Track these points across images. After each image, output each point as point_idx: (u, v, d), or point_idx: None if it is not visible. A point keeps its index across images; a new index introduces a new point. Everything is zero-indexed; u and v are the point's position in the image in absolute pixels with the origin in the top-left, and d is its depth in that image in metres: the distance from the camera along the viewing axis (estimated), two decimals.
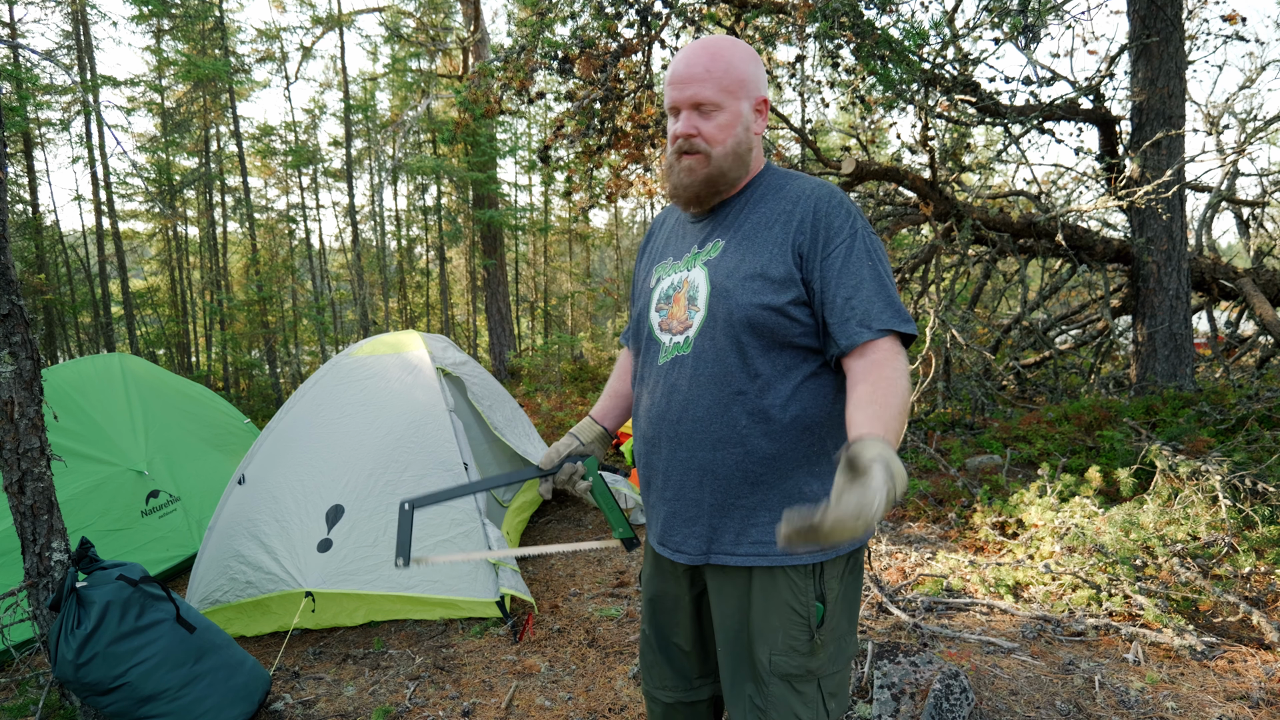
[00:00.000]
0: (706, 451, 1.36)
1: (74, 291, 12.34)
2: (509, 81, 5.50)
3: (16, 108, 9.09)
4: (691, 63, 1.36)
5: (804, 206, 1.36)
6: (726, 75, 1.35)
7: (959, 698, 2.36)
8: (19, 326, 2.36)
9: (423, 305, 16.95)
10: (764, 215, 1.39)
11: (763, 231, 1.36)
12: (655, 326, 1.46)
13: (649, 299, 1.50)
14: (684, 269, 1.44)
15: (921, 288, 6.45)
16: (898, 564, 3.69)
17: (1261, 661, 2.68)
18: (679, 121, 1.37)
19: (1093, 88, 5.97)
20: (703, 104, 1.35)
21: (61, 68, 3.84)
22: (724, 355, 1.34)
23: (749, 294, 1.32)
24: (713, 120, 1.36)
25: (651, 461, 1.45)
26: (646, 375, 1.48)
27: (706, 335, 1.36)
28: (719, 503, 1.37)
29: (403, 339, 4.05)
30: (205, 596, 3.23)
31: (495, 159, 12.85)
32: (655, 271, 1.52)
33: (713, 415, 1.35)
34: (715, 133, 1.36)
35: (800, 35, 5.00)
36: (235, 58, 13.07)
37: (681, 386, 1.38)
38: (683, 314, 1.40)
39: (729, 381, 1.34)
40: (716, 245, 1.40)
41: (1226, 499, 3.46)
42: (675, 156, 1.39)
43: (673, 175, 1.40)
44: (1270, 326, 5.78)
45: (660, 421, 1.41)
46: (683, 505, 1.40)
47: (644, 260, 1.61)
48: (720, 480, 1.36)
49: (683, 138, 1.36)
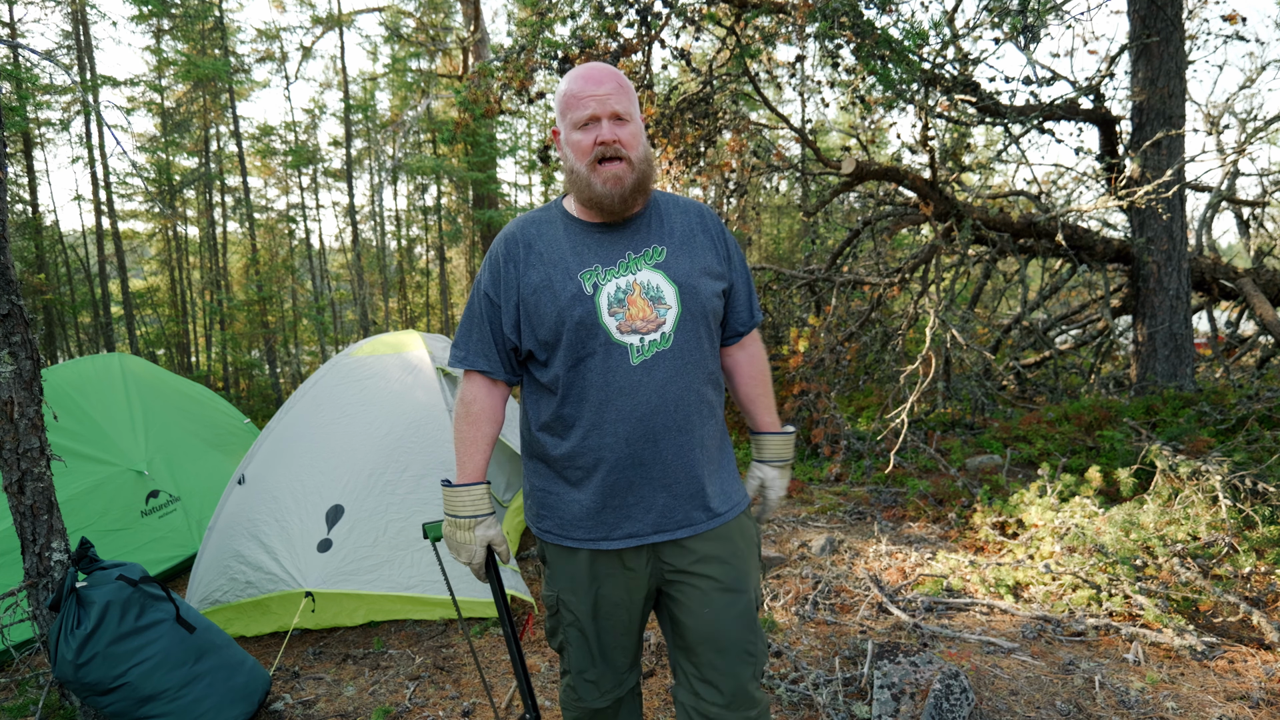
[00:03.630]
0: (698, 429, 1.54)
1: (74, 291, 12.34)
2: (509, 81, 5.50)
3: (16, 108, 9.10)
4: (599, 79, 1.49)
5: (706, 219, 1.63)
6: (629, 93, 1.52)
7: (959, 698, 2.36)
8: (19, 326, 2.36)
9: (423, 305, 16.95)
10: (681, 225, 1.59)
11: (691, 239, 1.58)
12: (612, 330, 1.48)
13: (590, 306, 1.47)
14: (625, 273, 1.51)
15: (921, 288, 6.45)
16: (898, 564, 3.69)
17: (1262, 661, 2.68)
18: (599, 129, 1.47)
19: (1093, 88, 5.97)
20: (620, 114, 1.48)
21: (61, 68, 3.83)
22: (700, 343, 1.54)
23: (708, 288, 1.55)
24: (627, 129, 1.49)
25: (644, 458, 1.50)
26: (612, 379, 1.48)
27: (685, 328, 1.52)
28: (708, 471, 1.57)
29: (403, 339, 4.05)
30: (205, 596, 3.23)
31: (495, 159, 12.85)
32: (581, 278, 1.49)
33: (700, 396, 1.54)
34: (631, 140, 1.49)
35: (800, 35, 5.00)
36: (235, 58, 13.07)
37: (671, 378, 1.50)
38: (649, 313, 1.50)
39: (703, 364, 1.55)
40: (658, 251, 1.54)
41: (1227, 499, 3.46)
42: (592, 165, 1.47)
43: (594, 185, 1.48)
44: (1270, 326, 5.78)
45: (655, 416, 1.49)
46: (684, 484, 1.53)
47: (532, 272, 1.53)
48: (708, 450, 1.57)
49: (605, 144, 1.46)
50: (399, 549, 3.22)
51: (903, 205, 6.64)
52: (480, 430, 1.61)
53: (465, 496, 1.58)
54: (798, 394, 5.83)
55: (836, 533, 4.17)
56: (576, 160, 1.49)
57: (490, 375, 1.60)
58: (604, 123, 1.47)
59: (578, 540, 1.56)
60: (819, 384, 5.82)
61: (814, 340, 6.05)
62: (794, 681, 2.65)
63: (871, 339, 7.35)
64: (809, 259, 7.87)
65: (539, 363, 1.57)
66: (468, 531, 1.58)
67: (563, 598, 1.61)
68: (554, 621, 1.67)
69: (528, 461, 1.66)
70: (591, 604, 1.59)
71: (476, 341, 1.60)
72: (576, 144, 1.49)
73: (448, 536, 1.61)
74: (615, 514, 1.53)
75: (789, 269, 7.29)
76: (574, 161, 1.50)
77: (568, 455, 1.54)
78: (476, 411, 1.61)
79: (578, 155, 1.49)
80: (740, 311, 1.68)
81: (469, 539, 1.58)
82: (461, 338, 1.62)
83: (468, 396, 1.61)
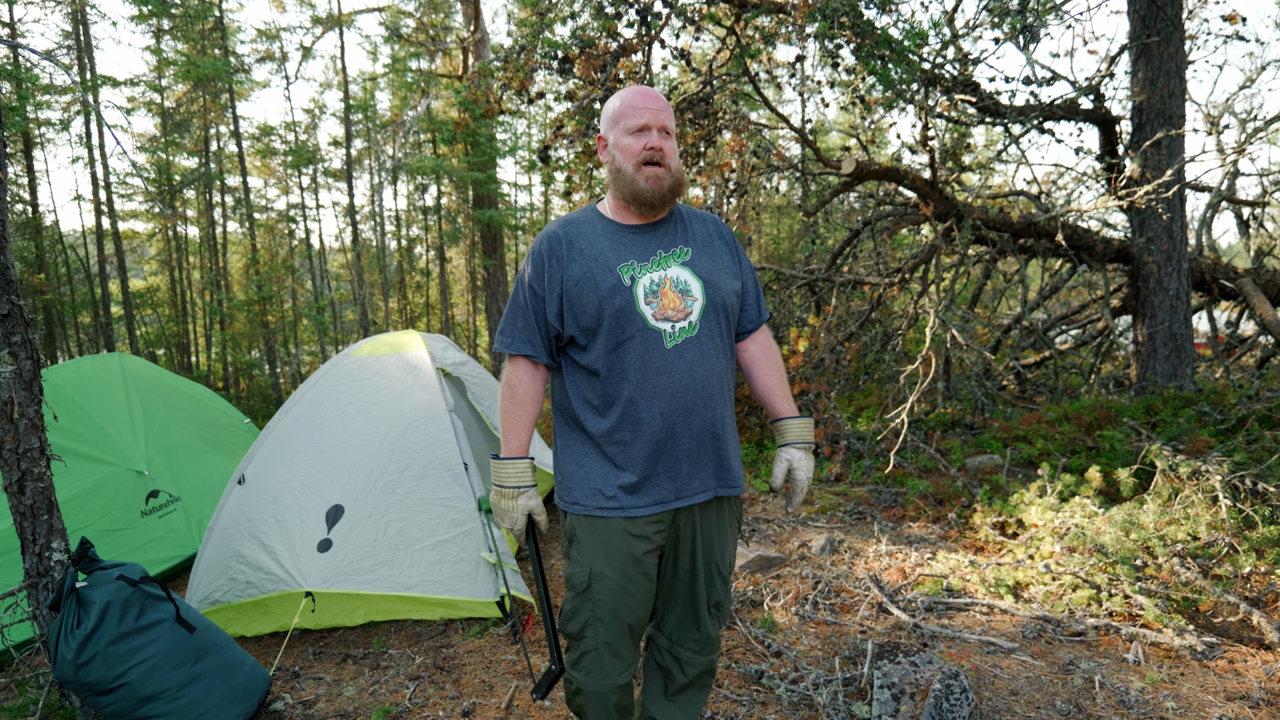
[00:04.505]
0: (719, 408, 1.76)
1: (74, 291, 12.33)
2: (509, 81, 5.49)
3: (16, 108, 9.09)
4: (654, 97, 1.73)
5: (721, 228, 1.88)
6: (673, 116, 1.76)
7: (959, 698, 2.36)
8: (19, 326, 2.36)
9: (423, 305, 16.95)
10: (701, 231, 1.83)
11: (711, 243, 1.82)
12: (649, 317, 1.69)
13: (629, 296, 1.68)
14: (657, 269, 1.73)
15: (921, 288, 6.44)
16: (898, 564, 3.69)
17: (1262, 661, 2.68)
18: (650, 137, 1.70)
19: (1093, 88, 5.97)
20: (667, 129, 1.72)
21: (61, 68, 3.83)
22: (721, 332, 1.78)
23: (727, 285, 1.79)
24: (670, 143, 1.72)
25: (676, 431, 1.71)
26: (650, 360, 1.68)
27: (709, 318, 1.74)
28: (730, 447, 1.80)
29: (403, 339, 4.05)
30: (205, 596, 3.23)
31: (495, 159, 12.84)
32: (620, 272, 1.70)
33: (720, 379, 1.76)
34: (672, 153, 1.73)
35: (800, 35, 5.00)
36: (235, 58, 13.06)
37: (699, 360, 1.71)
38: (679, 304, 1.71)
39: (723, 351, 1.79)
40: (684, 251, 1.77)
41: (1227, 499, 3.46)
42: (639, 165, 1.69)
43: (638, 182, 1.70)
44: (1270, 326, 5.78)
45: (686, 393, 1.70)
46: (703, 456, 1.75)
47: (574, 266, 1.72)
48: (725, 428, 1.79)
49: (654, 149, 1.69)
50: (399, 549, 3.22)
51: (903, 205, 6.64)
52: (525, 410, 1.79)
53: (511, 469, 1.76)
54: (798, 394, 5.83)
55: (836, 533, 4.17)
56: (625, 161, 1.71)
57: (533, 359, 1.78)
58: (654, 132, 1.70)
59: (608, 510, 1.72)
60: (819, 384, 5.82)
61: (814, 340, 6.05)
62: (794, 681, 2.65)
63: (871, 339, 7.35)
64: (809, 259, 7.86)
65: (579, 347, 1.75)
66: (512, 500, 1.75)
67: (595, 570, 1.74)
68: (579, 600, 1.77)
69: (564, 437, 1.82)
70: (622, 571, 1.73)
71: (521, 329, 1.77)
72: (626, 147, 1.71)
73: (494, 504, 1.79)
74: (647, 483, 1.72)
75: (789, 269, 7.29)
76: (621, 161, 1.71)
77: (609, 430, 1.72)
78: (521, 394, 1.79)
79: (626, 157, 1.71)
80: (750, 310, 1.91)
81: (513, 507, 1.76)
82: (507, 326, 1.80)
83: (513, 380, 1.79)
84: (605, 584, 1.74)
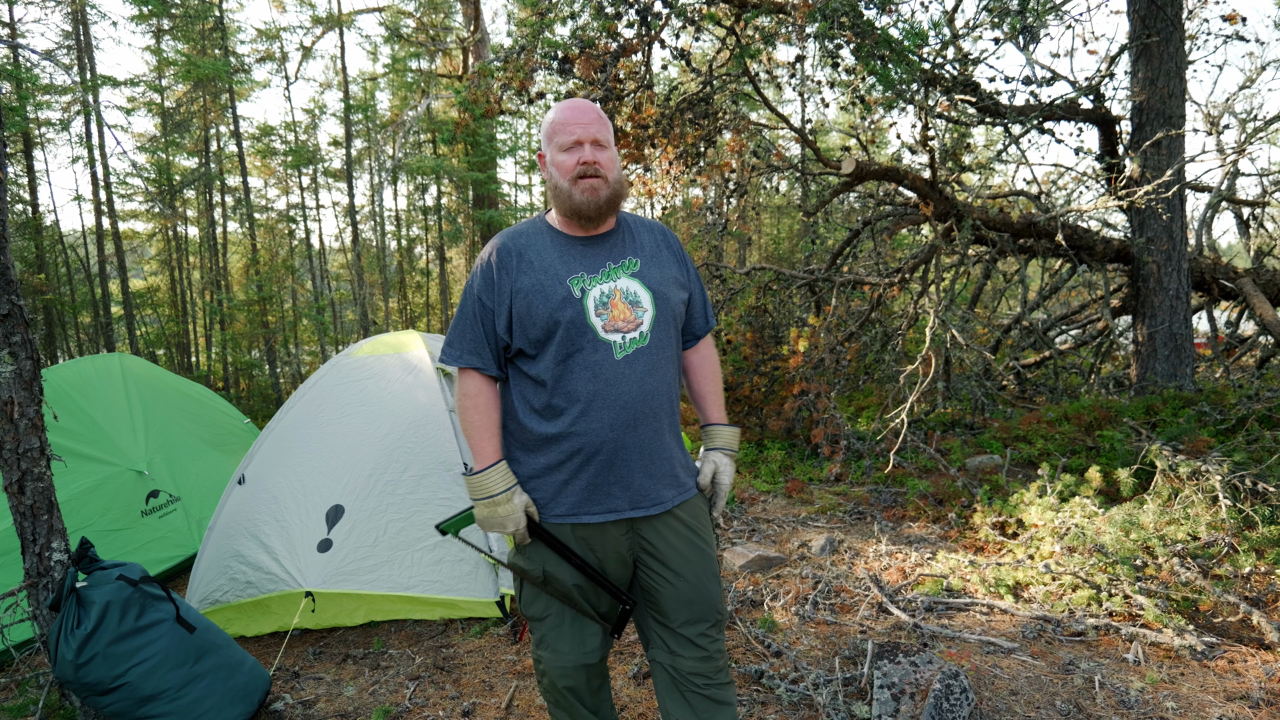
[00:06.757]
0: (666, 417, 1.78)
1: (74, 291, 12.34)
2: (509, 81, 5.49)
3: (16, 108, 9.10)
4: (583, 110, 1.74)
5: (668, 237, 1.90)
6: (607, 124, 1.77)
7: (959, 698, 2.36)
8: (19, 326, 2.36)
9: (423, 305, 16.96)
10: (649, 242, 1.85)
11: (659, 253, 1.84)
12: (599, 329, 1.70)
13: (579, 308, 1.69)
14: (607, 280, 1.74)
15: (921, 288, 6.44)
16: (898, 564, 3.69)
17: (1261, 661, 2.68)
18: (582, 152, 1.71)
19: (1093, 88, 5.96)
20: (599, 140, 1.72)
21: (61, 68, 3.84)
22: (671, 342, 1.80)
23: (676, 295, 1.81)
24: (605, 154, 1.73)
25: (625, 441, 1.71)
26: (600, 372, 1.69)
27: (659, 328, 1.76)
28: (677, 454, 1.82)
29: (403, 339, 4.05)
30: (205, 596, 3.23)
31: (495, 159, 12.85)
32: (570, 284, 1.71)
33: (669, 388, 1.79)
34: (608, 164, 1.73)
35: (800, 35, 4.99)
36: (235, 58, 13.06)
37: (648, 371, 1.73)
38: (629, 315, 1.73)
39: (672, 361, 1.81)
40: (633, 262, 1.78)
41: (1227, 499, 3.46)
42: (574, 180, 1.70)
43: (574, 196, 1.71)
44: (1270, 326, 5.78)
45: (636, 404, 1.71)
46: (657, 465, 1.76)
47: (524, 278, 1.73)
48: (673, 436, 1.81)
49: (586, 164, 1.70)
50: (399, 549, 3.22)
51: (903, 205, 6.63)
52: (488, 416, 1.78)
53: (493, 475, 1.73)
54: (798, 394, 5.83)
55: (836, 533, 4.17)
56: (560, 178, 1.72)
57: (483, 371, 1.77)
58: (585, 147, 1.71)
59: (559, 517, 1.74)
60: (819, 384, 5.82)
61: (814, 340, 6.04)
62: (794, 681, 2.65)
63: (871, 339, 7.35)
64: (809, 259, 7.86)
65: (528, 358, 1.74)
66: (507, 503, 1.72)
67: (549, 570, 1.77)
68: (536, 591, 1.82)
69: (512, 452, 1.81)
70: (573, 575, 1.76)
71: (470, 341, 1.77)
72: (561, 164, 1.72)
73: (487, 517, 1.73)
74: (597, 491, 1.72)
75: (789, 269, 7.29)
76: (558, 179, 1.73)
77: (555, 438, 1.71)
78: (482, 402, 1.78)
79: (562, 174, 1.72)
80: (697, 318, 1.95)
81: (510, 509, 1.72)
82: (455, 338, 1.79)
83: (470, 389, 1.78)
84: (560, 583, 1.77)
